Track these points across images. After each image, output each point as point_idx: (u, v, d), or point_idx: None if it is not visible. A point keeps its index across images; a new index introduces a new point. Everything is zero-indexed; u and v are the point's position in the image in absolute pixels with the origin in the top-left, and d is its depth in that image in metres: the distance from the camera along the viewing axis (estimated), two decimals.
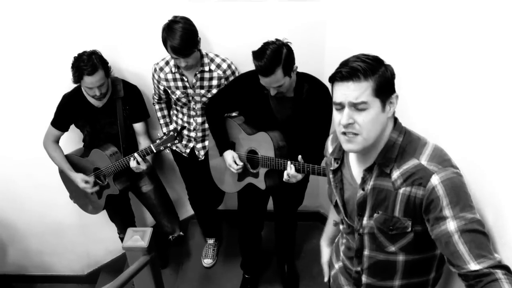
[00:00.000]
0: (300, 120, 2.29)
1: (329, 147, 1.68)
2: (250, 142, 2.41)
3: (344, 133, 1.36)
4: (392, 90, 1.37)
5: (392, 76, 1.36)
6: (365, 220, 1.49)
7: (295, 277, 3.06)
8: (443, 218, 1.28)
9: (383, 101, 1.33)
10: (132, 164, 2.49)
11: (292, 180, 2.22)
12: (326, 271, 1.93)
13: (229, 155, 2.43)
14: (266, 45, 2.08)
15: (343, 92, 1.33)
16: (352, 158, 1.52)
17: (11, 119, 2.84)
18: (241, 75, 2.46)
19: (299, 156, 2.18)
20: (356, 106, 1.32)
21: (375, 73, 1.31)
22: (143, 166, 2.50)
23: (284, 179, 2.23)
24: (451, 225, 1.27)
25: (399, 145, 1.39)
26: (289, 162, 2.20)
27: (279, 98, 2.27)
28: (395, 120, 1.43)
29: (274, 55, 2.04)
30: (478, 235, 1.25)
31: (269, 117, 2.33)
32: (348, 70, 1.31)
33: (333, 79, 1.36)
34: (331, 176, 1.62)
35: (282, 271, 3.07)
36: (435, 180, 1.30)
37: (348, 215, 1.58)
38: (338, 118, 1.35)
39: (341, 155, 1.56)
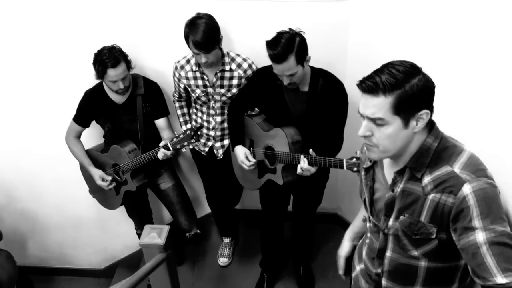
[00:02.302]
0: (315, 115, 2.30)
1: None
2: (267, 138, 2.42)
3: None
4: (420, 107, 1.28)
5: (422, 91, 1.27)
6: (391, 221, 1.48)
7: (310, 279, 3.04)
8: (472, 228, 1.25)
9: (405, 118, 1.28)
10: (160, 155, 2.48)
11: (306, 173, 2.22)
12: (341, 265, 1.91)
13: (241, 151, 2.46)
14: (280, 34, 2.13)
15: (363, 103, 1.31)
16: (386, 159, 1.51)
17: (35, 114, 2.89)
18: (257, 70, 2.49)
19: (310, 150, 2.18)
20: (374, 121, 1.30)
21: (397, 88, 1.25)
22: (168, 153, 2.48)
23: (297, 173, 2.24)
24: (480, 237, 1.23)
25: (433, 150, 1.36)
26: (302, 156, 2.20)
27: (294, 92, 2.28)
28: (433, 124, 1.39)
29: (288, 42, 2.08)
30: (507, 249, 1.21)
31: (284, 112, 2.35)
32: (369, 84, 1.27)
33: (357, 86, 1.33)
34: (363, 174, 1.61)
35: (297, 273, 3.05)
36: (466, 189, 1.27)
37: (375, 214, 1.56)
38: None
39: None
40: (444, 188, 1.31)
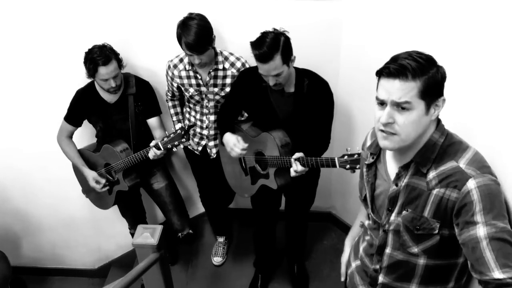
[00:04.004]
0: (302, 116, 2.30)
1: (368, 141, 1.66)
2: (255, 144, 2.41)
3: (382, 130, 1.35)
4: (440, 93, 1.33)
5: (442, 78, 1.32)
6: (393, 216, 1.48)
7: (304, 278, 3.05)
8: (474, 223, 1.26)
9: (428, 103, 1.30)
10: (151, 154, 2.46)
11: (301, 173, 2.21)
12: (344, 271, 1.91)
13: (232, 137, 2.36)
14: (264, 33, 2.12)
15: (387, 89, 1.30)
16: (389, 154, 1.51)
17: (27, 114, 2.87)
18: (241, 71, 2.47)
19: (296, 154, 2.18)
20: (399, 106, 1.29)
21: (425, 74, 1.27)
22: (158, 152, 2.44)
23: (292, 176, 2.23)
24: (481, 231, 1.24)
25: (439, 146, 1.37)
26: (292, 160, 2.19)
27: (279, 94, 2.28)
28: (439, 120, 1.41)
29: (273, 41, 2.07)
30: (507, 245, 1.22)
31: (271, 115, 2.34)
32: (397, 67, 1.27)
33: (379, 73, 1.33)
34: (364, 170, 1.61)
35: (291, 272, 3.06)
36: (471, 184, 1.28)
37: (375, 210, 1.57)
38: (379, 115, 1.33)
39: (378, 150, 1.55)
40: (449, 183, 1.33)
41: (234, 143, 2.34)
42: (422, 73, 1.27)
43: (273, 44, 2.06)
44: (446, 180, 1.33)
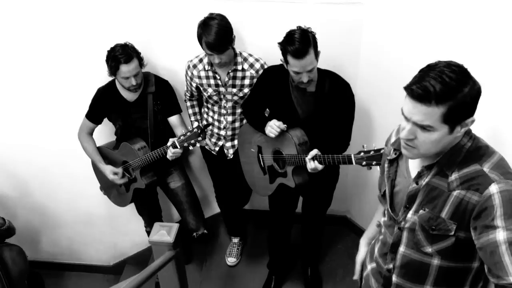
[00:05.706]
0: (322, 115, 2.30)
1: (392, 137, 1.65)
2: (274, 143, 2.42)
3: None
4: (469, 115, 1.27)
5: (473, 99, 1.24)
6: (409, 214, 1.48)
7: (318, 281, 3.04)
8: (494, 227, 1.25)
9: (452, 126, 1.27)
10: (169, 154, 2.47)
11: (319, 168, 2.21)
12: (358, 269, 1.90)
13: (274, 121, 2.32)
14: (291, 31, 2.14)
15: (410, 109, 1.27)
16: None
17: (48, 111, 2.91)
18: (265, 69, 2.48)
19: (312, 153, 2.18)
20: (421, 126, 1.28)
21: (451, 99, 1.21)
22: (178, 154, 2.47)
23: (309, 171, 2.24)
24: (501, 235, 1.23)
25: (466, 150, 1.36)
26: (307, 159, 2.20)
27: (301, 93, 2.28)
28: None
29: (303, 37, 2.09)
30: None
31: (291, 113, 2.34)
32: (420, 92, 1.22)
33: (405, 89, 1.28)
34: (386, 165, 1.60)
35: (305, 274, 3.05)
36: (493, 188, 1.27)
37: (393, 207, 1.56)
38: (403, 126, 1.33)
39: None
40: (470, 186, 1.32)
41: (277, 124, 2.28)
42: (447, 98, 1.21)
43: (304, 39, 2.08)
44: (468, 182, 1.32)
